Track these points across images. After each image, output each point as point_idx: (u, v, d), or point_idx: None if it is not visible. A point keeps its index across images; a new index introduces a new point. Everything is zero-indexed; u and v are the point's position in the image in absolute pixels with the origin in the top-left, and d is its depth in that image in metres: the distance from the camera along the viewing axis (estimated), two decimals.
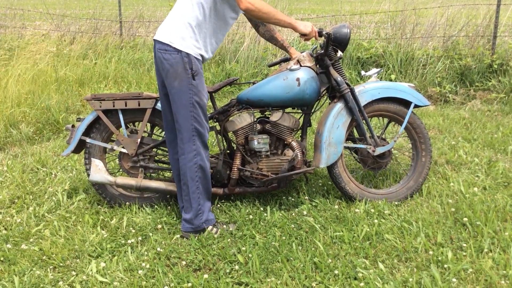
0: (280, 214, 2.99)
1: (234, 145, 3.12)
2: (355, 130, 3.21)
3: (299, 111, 3.16)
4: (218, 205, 3.12)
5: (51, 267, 2.50)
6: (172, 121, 2.75)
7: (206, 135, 2.72)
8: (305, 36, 2.79)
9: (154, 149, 3.17)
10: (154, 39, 2.68)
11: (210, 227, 2.76)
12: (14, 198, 3.33)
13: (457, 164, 3.72)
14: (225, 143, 3.15)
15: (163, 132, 3.16)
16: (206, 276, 2.34)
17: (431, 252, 2.50)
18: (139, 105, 2.99)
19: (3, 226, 2.93)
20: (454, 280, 2.26)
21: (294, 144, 3.01)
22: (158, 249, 2.61)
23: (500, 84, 5.73)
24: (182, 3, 2.62)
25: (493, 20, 6.12)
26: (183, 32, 2.58)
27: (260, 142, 2.98)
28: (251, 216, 2.94)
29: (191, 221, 2.74)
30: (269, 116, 3.06)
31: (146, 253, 2.59)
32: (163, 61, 2.60)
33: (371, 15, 7.53)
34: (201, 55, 2.66)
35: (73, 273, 2.43)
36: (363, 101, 3.03)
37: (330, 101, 3.17)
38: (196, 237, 2.70)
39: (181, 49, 2.57)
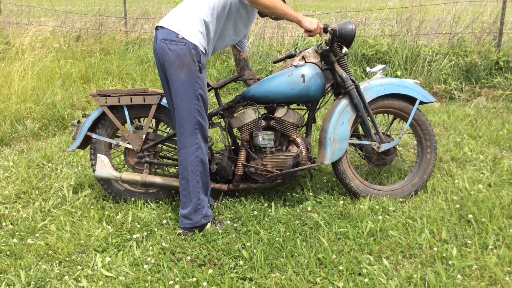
0: (285, 210, 2.99)
1: (239, 141, 3.13)
2: (360, 127, 3.21)
3: (304, 107, 3.16)
4: (223, 201, 3.12)
5: (57, 261, 2.52)
6: None
7: (207, 129, 2.72)
8: (310, 32, 2.78)
9: (159, 145, 3.18)
10: (158, 26, 2.63)
11: (209, 224, 2.77)
12: (20, 193, 3.35)
13: (462, 161, 3.71)
14: (230, 139, 3.16)
15: (168, 128, 3.17)
16: (211, 271, 2.35)
17: (435, 249, 2.49)
18: (144, 101, 3.00)
19: (9, 221, 2.95)
20: (458, 276, 2.26)
21: (298, 140, 3.02)
22: (163, 244, 2.62)
23: (506, 81, 5.70)
24: (195, 2, 2.62)
25: (499, 17, 6.09)
26: (194, 24, 2.57)
27: (264, 138, 2.98)
28: (255, 212, 2.95)
29: (189, 217, 2.71)
30: (274, 112, 3.06)
31: (151, 248, 2.60)
32: (167, 51, 2.56)
33: (376, 12, 7.50)
34: (206, 50, 2.66)
35: (79, 267, 2.45)
36: (368, 98, 3.03)
37: (335, 97, 3.17)
38: (201, 233, 2.71)
39: (189, 40, 2.54)
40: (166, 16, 2.68)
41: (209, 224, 2.76)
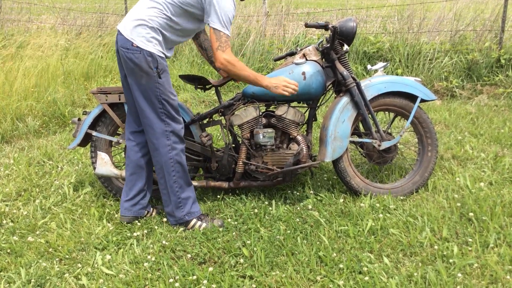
0: (285, 208, 2.99)
1: (240, 139, 3.12)
2: (360, 125, 3.20)
3: (305, 105, 3.15)
4: (224, 199, 3.12)
5: (57, 259, 2.52)
6: (136, 112, 2.73)
7: (180, 131, 2.70)
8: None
9: None
10: (118, 28, 2.63)
11: (194, 220, 2.77)
12: (20, 190, 3.35)
13: (463, 159, 3.71)
14: (230, 137, 3.15)
15: None
16: (211, 269, 2.35)
17: (436, 247, 2.49)
18: None
19: (9, 219, 2.95)
20: (459, 275, 2.26)
21: (299, 138, 3.01)
22: (164, 242, 2.62)
23: (507, 78, 5.68)
24: (150, 7, 2.57)
25: (500, 14, 6.07)
26: (148, 33, 2.54)
27: (265, 136, 2.97)
28: (256, 210, 2.94)
29: (172, 214, 2.77)
30: (275, 110, 3.05)
31: (151, 246, 2.60)
32: (126, 59, 2.57)
33: (377, 9, 7.49)
34: (164, 54, 2.64)
35: (79, 265, 2.45)
36: (369, 95, 3.02)
37: (335, 95, 3.16)
38: (201, 231, 2.71)
39: (143, 48, 2.53)
40: (125, 19, 2.64)
41: (194, 220, 2.77)
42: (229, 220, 2.85)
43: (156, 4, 2.56)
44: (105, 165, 3.03)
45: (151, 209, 2.97)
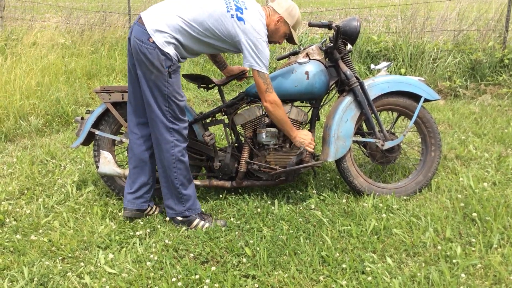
0: (288, 208, 2.98)
1: (242, 138, 3.12)
2: (364, 124, 3.19)
3: (308, 104, 3.14)
4: (226, 198, 3.12)
5: (60, 258, 2.52)
6: (141, 103, 2.73)
7: (184, 130, 2.71)
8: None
9: None
10: (141, 16, 2.61)
11: (197, 219, 2.77)
12: (23, 189, 3.35)
13: (467, 159, 3.69)
14: (233, 136, 3.15)
15: None
16: (213, 268, 2.34)
17: (439, 247, 2.48)
18: None
19: (12, 217, 2.95)
20: (462, 275, 2.25)
21: None
22: (166, 241, 2.61)
23: (511, 78, 5.67)
24: (183, 20, 2.58)
25: (504, 14, 6.05)
26: (167, 37, 2.55)
27: (268, 136, 2.97)
28: (259, 210, 2.94)
29: (172, 207, 2.78)
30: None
31: (154, 245, 2.60)
32: (138, 52, 2.55)
33: (381, 8, 7.47)
34: (178, 58, 2.64)
35: (82, 264, 2.45)
36: (372, 95, 3.01)
37: (339, 94, 3.16)
38: (204, 230, 2.71)
39: (159, 46, 2.53)
40: (153, 12, 2.62)
41: (197, 220, 2.77)
42: (232, 219, 2.85)
43: (188, 22, 2.57)
44: (108, 164, 3.03)
45: (154, 206, 2.97)
